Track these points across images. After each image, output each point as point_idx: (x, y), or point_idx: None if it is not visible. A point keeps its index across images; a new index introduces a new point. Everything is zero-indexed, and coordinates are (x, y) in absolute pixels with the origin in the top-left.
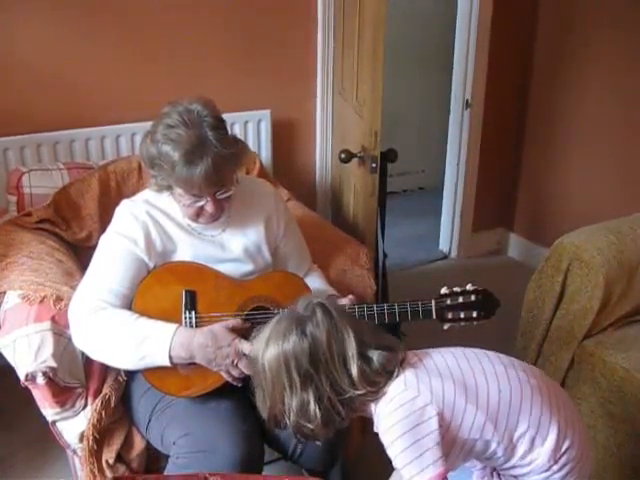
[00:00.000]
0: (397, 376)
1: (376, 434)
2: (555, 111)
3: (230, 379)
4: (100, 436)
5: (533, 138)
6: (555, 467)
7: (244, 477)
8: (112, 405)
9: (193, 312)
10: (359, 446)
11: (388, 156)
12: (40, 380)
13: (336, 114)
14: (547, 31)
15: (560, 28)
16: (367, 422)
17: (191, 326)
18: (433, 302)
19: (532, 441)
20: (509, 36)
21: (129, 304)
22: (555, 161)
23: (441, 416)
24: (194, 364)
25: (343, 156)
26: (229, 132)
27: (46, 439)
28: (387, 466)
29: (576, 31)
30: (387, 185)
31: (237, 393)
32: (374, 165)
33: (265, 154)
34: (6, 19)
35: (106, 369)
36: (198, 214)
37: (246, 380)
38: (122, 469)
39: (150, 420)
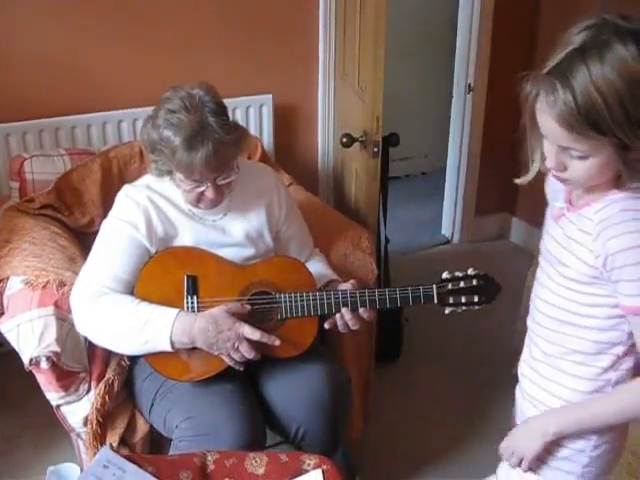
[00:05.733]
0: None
1: (377, 420)
2: None
3: (232, 363)
4: (104, 420)
5: None
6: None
7: (242, 454)
8: (115, 389)
9: (195, 297)
10: (360, 432)
11: (390, 140)
12: (44, 365)
13: (338, 98)
14: (550, 14)
15: (563, 11)
16: (368, 408)
17: (193, 311)
18: (434, 287)
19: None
20: (512, 20)
21: (131, 289)
22: None
23: None
24: (196, 349)
25: (345, 140)
26: (230, 118)
27: (51, 422)
28: (388, 452)
29: (579, 13)
30: (389, 170)
31: (239, 377)
32: (376, 149)
33: (267, 139)
34: (6, 5)
35: (109, 354)
36: (198, 199)
37: (248, 364)
38: (126, 452)
39: (153, 404)
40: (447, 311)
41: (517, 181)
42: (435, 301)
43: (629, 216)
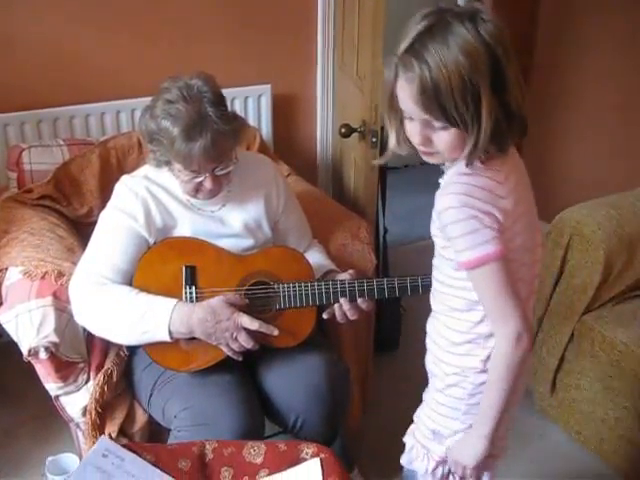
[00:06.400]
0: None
1: (375, 411)
2: (556, 89)
3: (230, 353)
4: (103, 410)
5: (534, 115)
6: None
7: (240, 443)
8: (114, 380)
9: (193, 287)
10: (359, 421)
11: None
12: (43, 355)
13: (337, 88)
14: (549, 15)
15: (561, 10)
16: (367, 399)
17: (191, 301)
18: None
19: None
20: (511, 16)
21: (129, 280)
22: (556, 137)
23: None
24: (195, 339)
25: (344, 131)
26: (229, 108)
27: (50, 413)
28: (386, 442)
29: (577, 12)
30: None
31: (238, 367)
32: (375, 139)
33: (265, 129)
34: None
35: (108, 344)
36: (197, 190)
37: (246, 354)
38: (124, 443)
39: (152, 394)
40: None
41: (374, 162)
42: None
43: (455, 179)
